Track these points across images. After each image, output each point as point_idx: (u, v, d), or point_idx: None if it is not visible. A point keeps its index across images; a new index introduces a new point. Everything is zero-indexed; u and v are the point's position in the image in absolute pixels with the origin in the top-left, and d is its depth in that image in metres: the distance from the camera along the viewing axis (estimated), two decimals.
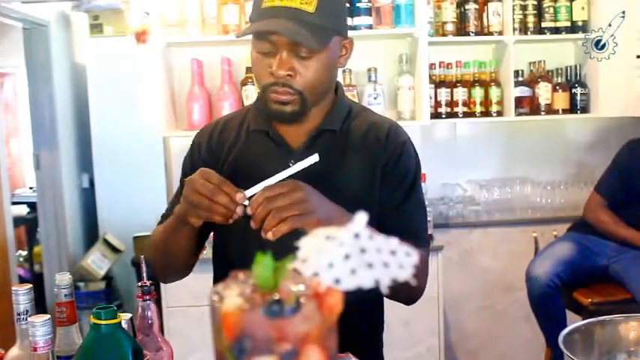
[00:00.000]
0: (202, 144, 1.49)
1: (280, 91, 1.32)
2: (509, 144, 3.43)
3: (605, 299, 2.70)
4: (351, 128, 1.43)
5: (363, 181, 1.40)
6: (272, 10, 1.28)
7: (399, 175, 1.42)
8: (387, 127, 1.44)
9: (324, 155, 1.35)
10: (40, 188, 4.55)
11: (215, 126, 1.51)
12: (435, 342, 2.94)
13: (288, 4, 1.27)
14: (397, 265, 0.57)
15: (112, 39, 4.57)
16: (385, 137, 1.43)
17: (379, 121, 1.47)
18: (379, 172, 1.41)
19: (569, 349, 1.06)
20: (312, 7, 1.27)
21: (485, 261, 3.35)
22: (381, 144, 1.42)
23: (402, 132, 1.47)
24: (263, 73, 1.33)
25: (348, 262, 0.56)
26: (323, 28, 1.29)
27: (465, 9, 3.11)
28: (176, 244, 1.40)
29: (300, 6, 1.27)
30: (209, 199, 1.19)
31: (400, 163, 1.42)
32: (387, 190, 1.41)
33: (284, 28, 1.26)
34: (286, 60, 1.29)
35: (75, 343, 1.07)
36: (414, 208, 1.44)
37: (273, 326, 0.56)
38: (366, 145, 1.42)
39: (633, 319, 1.18)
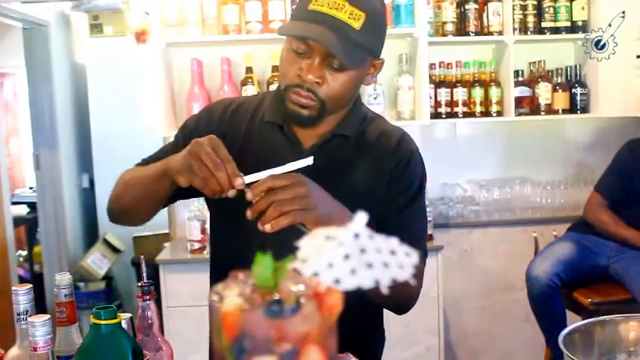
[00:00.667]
0: (213, 118, 1.45)
1: (303, 94, 1.31)
2: (509, 144, 3.43)
3: (605, 299, 2.70)
4: (363, 134, 1.44)
5: (368, 184, 1.41)
6: (319, 16, 1.26)
7: (405, 181, 1.43)
8: (398, 135, 1.45)
9: (334, 158, 1.38)
10: (40, 188, 4.55)
11: (229, 105, 1.48)
12: (434, 342, 2.94)
13: (337, 14, 1.25)
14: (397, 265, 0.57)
15: (112, 39, 4.58)
16: (395, 144, 1.43)
17: (391, 129, 1.47)
18: (386, 177, 1.41)
19: (569, 349, 1.06)
20: (358, 23, 1.26)
21: (485, 261, 3.35)
22: (391, 150, 1.43)
23: (411, 141, 1.48)
24: (291, 73, 1.31)
25: (348, 262, 0.56)
26: (362, 47, 1.29)
27: (465, 9, 3.11)
28: (150, 192, 1.36)
29: (348, 20, 1.25)
30: (209, 170, 1.15)
31: (407, 170, 1.43)
32: (391, 195, 1.41)
33: (327, 40, 1.24)
34: (318, 67, 1.28)
35: (75, 343, 1.07)
36: (415, 216, 1.45)
37: (273, 326, 0.56)
38: (376, 151, 1.42)
39: (633, 319, 1.18)
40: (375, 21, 1.30)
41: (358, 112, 1.45)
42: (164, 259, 2.88)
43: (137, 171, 1.42)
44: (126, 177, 1.46)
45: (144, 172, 1.38)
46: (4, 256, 3.96)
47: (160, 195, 1.35)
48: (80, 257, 4.59)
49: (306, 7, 1.28)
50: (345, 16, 1.25)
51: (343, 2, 1.25)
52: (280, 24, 2.94)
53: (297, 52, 1.30)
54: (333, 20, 1.25)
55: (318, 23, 1.25)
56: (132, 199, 1.42)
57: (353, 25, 1.25)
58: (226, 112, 1.46)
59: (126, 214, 1.48)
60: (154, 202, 1.40)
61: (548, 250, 2.91)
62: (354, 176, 1.40)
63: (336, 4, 1.25)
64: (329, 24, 1.25)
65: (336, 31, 1.25)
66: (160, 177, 1.29)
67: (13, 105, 6.23)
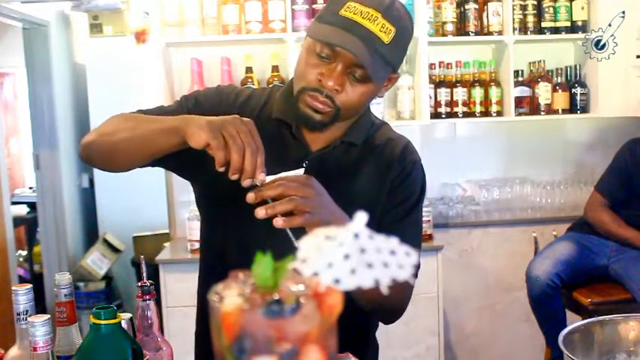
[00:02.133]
0: (223, 101, 1.41)
1: (321, 99, 1.28)
2: (509, 144, 3.43)
3: (604, 299, 2.71)
4: (369, 142, 1.43)
5: (371, 192, 1.40)
6: (350, 24, 1.22)
7: (404, 192, 1.42)
8: (402, 146, 1.44)
9: (339, 164, 1.37)
10: (40, 188, 4.55)
11: (240, 93, 1.44)
12: (434, 342, 2.94)
13: (369, 26, 1.22)
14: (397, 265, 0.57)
15: (112, 39, 4.57)
16: (399, 154, 1.42)
17: (396, 138, 1.46)
18: (387, 186, 1.41)
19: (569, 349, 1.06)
20: (388, 38, 1.24)
21: (485, 261, 3.35)
22: (394, 159, 1.42)
23: (414, 151, 1.47)
24: (311, 76, 1.28)
25: (347, 262, 0.56)
26: (388, 62, 1.27)
27: (465, 9, 3.11)
28: (149, 141, 1.25)
29: (379, 33, 1.23)
30: (241, 149, 1.10)
31: (407, 180, 1.42)
32: (390, 205, 1.41)
33: (359, 51, 1.21)
34: (340, 74, 1.25)
35: (75, 343, 1.07)
36: (411, 228, 1.43)
37: (273, 326, 0.56)
38: (381, 159, 1.41)
39: (633, 319, 1.18)
40: (404, 37, 1.29)
41: (367, 119, 1.43)
42: (164, 259, 2.88)
43: (138, 117, 1.34)
44: (122, 118, 1.35)
45: (148, 120, 1.30)
46: (4, 256, 3.96)
47: (157, 149, 1.25)
48: (80, 257, 4.59)
49: (337, 13, 1.24)
50: (377, 29, 1.23)
51: (376, 14, 1.23)
52: (280, 24, 2.95)
53: (320, 55, 1.26)
54: (364, 31, 1.22)
55: (349, 32, 1.22)
56: (124, 141, 1.28)
57: (383, 39, 1.23)
58: (237, 101, 1.42)
59: (106, 154, 1.34)
60: (144, 154, 1.28)
61: (548, 250, 2.91)
62: (357, 183, 1.40)
63: (369, 14, 1.22)
64: (360, 34, 1.22)
65: (366, 42, 1.22)
66: (168, 130, 1.19)
67: (13, 105, 6.23)
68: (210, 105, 1.39)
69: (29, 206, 5.12)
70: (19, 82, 6.00)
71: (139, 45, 4.35)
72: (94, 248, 4.51)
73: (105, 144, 1.32)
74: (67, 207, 4.58)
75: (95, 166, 1.42)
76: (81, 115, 4.78)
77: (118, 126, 1.32)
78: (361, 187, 1.39)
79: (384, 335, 1.54)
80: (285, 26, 2.95)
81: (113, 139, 1.30)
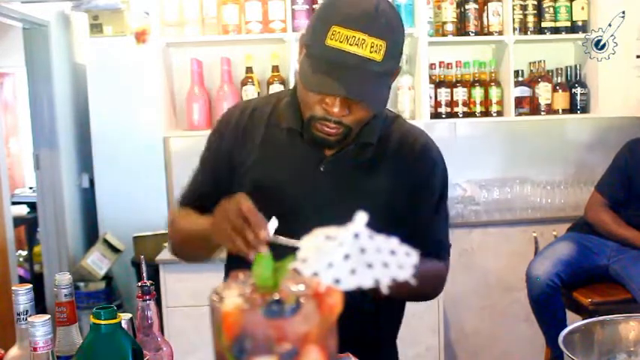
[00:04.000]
0: (230, 126, 1.45)
1: (331, 126, 1.28)
2: (509, 144, 3.43)
3: (605, 299, 2.70)
4: (383, 138, 1.41)
5: (389, 189, 1.40)
6: (339, 58, 1.20)
7: (429, 190, 1.44)
8: (421, 142, 1.44)
9: (355, 163, 1.38)
10: (40, 188, 4.55)
11: (243, 111, 1.46)
12: (434, 341, 2.94)
13: (358, 51, 1.19)
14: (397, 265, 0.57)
15: (112, 39, 4.57)
16: (418, 153, 1.43)
17: (413, 133, 1.46)
18: (408, 185, 1.41)
19: (569, 349, 1.06)
20: (380, 55, 1.21)
21: (485, 261, 3.35)
22: (414, 158, 1.42)
23: (433, 147, 1.47)
24: (315, 106, 1.28)
25: (347, 262, 0.56)
26: (386, 74, 1.26)
27: (465, 9, 3.11)
28: (197, 246, 1.43)
29: (370, 55, 1.20)
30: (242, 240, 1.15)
31: (431, 181, 1.44)
32: (416, 203, 1.42)
33: (353, 91, 1.21)
34: (343, 103, 1.25)
35: (75, 343, 1.07)
36: (440, 222, 1.47)
37: (273, 326, 0.56)
38: (398, 157, 1.41)
39: (633, 319, 1.18)
40: (397, 42, 1.26)
41: (379, 117, 1.41)
42: (164, 259, 2.88)
43: (186, 223, 1.47)
44: (177, 229, 1.52)
45: (187, 226, 1.45)
46: (4, 256, 3.96)
47: (207, 250, 1.42)
48: (80, 257, 4.58)
49: (324, 43, 1.21)
50: (367, 52, 1.20)
51: (363, 36, 1.19)
52: (280, 24, 2.95)
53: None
54: (354, 59, 1.20)
55: (340, 70, 1.20)
56: (192, 253, 1.53)
57: (375, 59, 1.20)
58: (243, 117, 1.45)
59: (192, 261, 1.62)
60: (204, 253, 1.46)
61: (548, 250, 2.91)
62: (375, 180, 1.39)
63: (355, 39, 1.19)
64: (351, 64, 1.20)
65: (358, 72, 1.20)
66: (199, 237, 1.35)
67: (13, 105, 6.23)
68: (228, 131, 1.45)
69: (29, 206, 5.12)
70: (19, 82, 6.00)
71: (139, 45, 4.35)
72: (94, 248, 4.50)
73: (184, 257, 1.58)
74: (67, 207, 4.58)
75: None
76: (81, 115, 4.78)
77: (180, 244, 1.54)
78: (380, 185, 1.39)
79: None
80: (286, 26, 2.95)
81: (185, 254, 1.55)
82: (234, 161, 1.43)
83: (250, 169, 1.41)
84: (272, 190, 1.38)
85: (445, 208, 1.48)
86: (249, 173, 1.41)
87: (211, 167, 1.47)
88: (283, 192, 1.39)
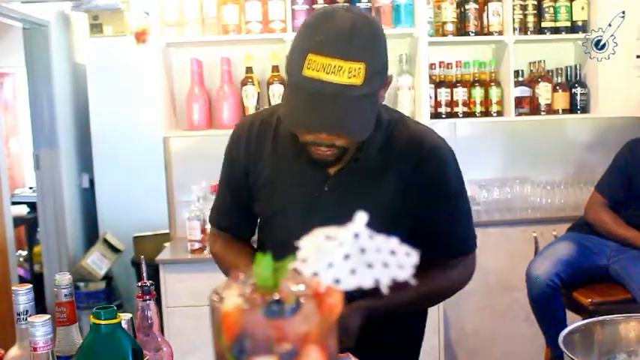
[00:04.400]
0: (241, 144, 1.47)
1: (323, 149, 1.27)
2: (509, 144, 3.43)
3: (605, 299, 2.70)
4: (388, 144, 1.37)
5: (397, 203, 1.37)
6: (316, 86, 1.16)
7: (444, 192, 1.41)
8: (425, 149, 1.38)
9: (361, 177, 1.37)
10: (40, 188, 4.55)
11: (251, 127, 1.46)
12: (434, 341, 2.94)
13: (336, 79, 1.15)
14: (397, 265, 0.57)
15: (112, 39, 4.57)
16: (422, 161, 1.37)
17: (418, 134, 1.40)
18: (416, 195, 1.37)
19: (569, 349, 1.06)
20: (360, 79, 1.16)
21: (485, 261, 3.34)
22: (419, 167, 1.37)
23: (440, 146, 1.42)
24: (302, 134, 1.28)
25: (347, 262, 0.56)
26: (371, 94, 1.21)
27: (465, 9, 3.11)
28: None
29: (349, 80, 1.15)
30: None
31: (441, 181, 1.40)
32: (433, 206, 1.39)
33: (329, 122, 1.19)
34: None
35: (75, 343, 1.07)
36: (462, 220, 1.46)
37: (273, 326, 0.56)
38: (406, 163, 1.37)
39: (633, 319, 1.18)
40: (378, 59, 1.21)
41: (380, 127, 1.34)
42: (164, 259, 2.88)
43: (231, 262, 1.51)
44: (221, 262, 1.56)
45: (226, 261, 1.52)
46: (4, 256, 3.96)
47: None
48: (80, 257, 4.59)
49: (301, 72, 1.18)
50: (345, 79, 1.15)
51: (339, 63, 1.15)
52: (280, 24, 2.95)
53: None
54: (332, 88, 1.15)
55: (318, 99, 1.17)
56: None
57: (355, 84, 1.16)
58: (251, 135, 1.45)
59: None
60: None
61: (548, 250, 2.91)
62: (381, 195, 1.36)
63: (331, 67, 1.15)
64: (328, 94, 1.16)
65: (337, 100, 1.16)
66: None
67: (13, 105, 6.23)
68: (239, 154, 1.47)
69: (29, 206, 5.12)
70: (19, 82, 6.00)
71: (139, 45, 4.36)
72: (94, 248, 4.51)
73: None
74: (67, 207, 4.58)
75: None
76: (81, 115, 4.78)
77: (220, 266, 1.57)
78: (388, 193, 1.36)
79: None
80: (285, 26, 2.95)
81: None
82: (250, 179, 1.46)
83: (262, 188, 1.45)
84: (282, 209, 1.43)
85: (465, 203, 1.45)
86: (262, 191, 1.45)
87: (232, 188, 1.52)
88: (291, 213, 1.41)
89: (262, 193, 1.45)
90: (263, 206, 1.46)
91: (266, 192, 1.44)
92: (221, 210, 1.57)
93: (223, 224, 1.58)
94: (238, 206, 1.52)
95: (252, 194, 1.47)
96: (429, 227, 1.38)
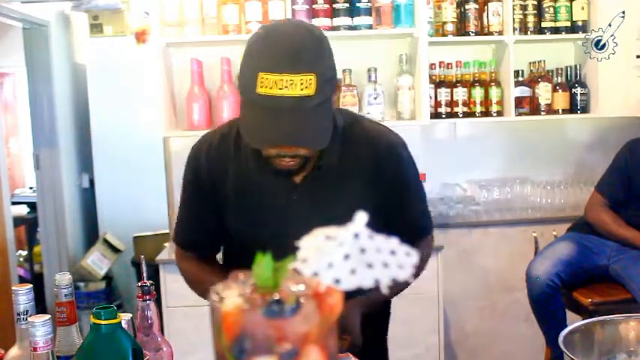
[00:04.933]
0: (202, 165, 1.48)
1: (286, 160, 1.31)
2: (509, 144, 3.43)
3: (605, 299, 2.70)
4: (347, 147, 1.42)
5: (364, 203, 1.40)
6: (271, 102, 1.20)
7: (402, 186, 1.48)
8: (383, 149, 1.45)
9: (326, 183, 1.42)
10: (40, 188, 4.55)
11: (210, 145, 1.49)
12: (434, 341, 2.94)
13: (288, 93, 1.20)
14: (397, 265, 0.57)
15: (112, 39, 4.57)
16: (382, 160, 1.44)
17: (374, 134, 1.46)
18: (381, 192, 1.44)
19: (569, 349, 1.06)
20: (312, 89, 1.21)
21: (485, 261, 3.35)
22: (379, 166, 1.44)
23: (395, 142, 1.48)
24: (264, 148, 1.31)
25: (348, 262, 0.56)
26: (324, 102, 1.25)
27: (465, 9, 3.10)
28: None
29: (302, 92, 1.20)
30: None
31: (400, 176, 1.47)
32: (394, 199, 1.46)
33: (286, 135, 1.23)
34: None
35: (75, 343, 1.07)
36: (422, 207, 1.55)
37: (273, 326, 0.56)
38: (365, 168, 1.44)
39: (633, 319, 1.18)
40: (326, 67, 1.26)
41: (336, 133, 1.40)
42: (164, 259, 2.88)
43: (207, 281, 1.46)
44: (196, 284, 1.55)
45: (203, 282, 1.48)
46: (4, 256, 3.96)
47: None
48: (80, 257, 4.59)
49: (255, 91, 1.22)
50: (297, 91, 1.20)
51: (289, 77, 1.19)
52: None
53: None
54: (286, 101, 1.20)
55: (274, 112, 1.21)
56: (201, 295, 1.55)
57: (308, 94, 1.21)
58: (210, 152, 1.48)
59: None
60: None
61: (548, 250, 2.91)
62: (347, 197, 1.42)
63: (282, 82, 1.19)
64: (284, 107, 1.20)
65: (293, 112, 1.21)
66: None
67: (13, 105, 6.23)
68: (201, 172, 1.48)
69: (29, 206, 5.12)
70: (19, 82, 6.00)
71: (139, 45, 4.35)
72: (94, 248, 4.51)
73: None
74: (67, 207, 4.58)
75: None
76: (81, 115, 4.78)
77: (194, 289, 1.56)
78: (353, 200, 1.40)
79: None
80: None
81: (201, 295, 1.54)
82: (218, 195, 1.47)
83: (232, 205, 1.46)
84: (254, 222, 1.45)
85: (422, 190, 1.55)
86: (232, 208, 1.46)
87: (197, 207, 1.52)
88: (263, 224, 1.43)
89: (231, 208, 1.46)
90: (234, 220, 1.47)
91: (235, 206, 1.45)
92: (186, 229, 1.56)
93: (189, 243, 1.57)
94: (204, 224, 1.52)
95: (219, 210, 1.48)
96: (394, 216, 1.44)
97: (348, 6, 2.93)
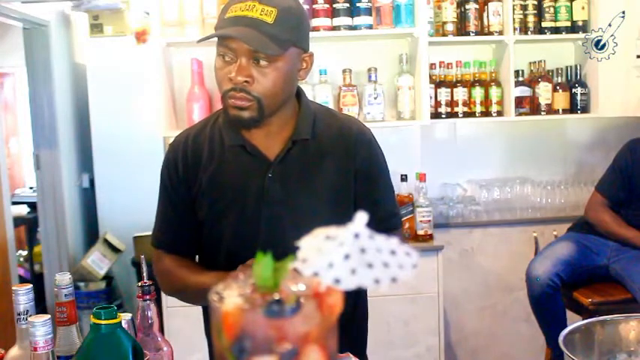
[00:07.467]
0: (178, 161, 1.51)
1: (238, 96, 1.36)
2: (509, 144, 3.43)
3: (605, 299, 2.70)
4: (319, 134, 1.50)
5: (338, 184, 1.49)
6: (234, 19, 1.34)
7: (373, 174, 1.54)
8: (354, 134, 1.52)
9: (299, 163, 1.46)
10: (40, 188, 4.55)
11: (186, 140, 1.53)
12: (434, 341, 2.94)
13: (249, 14, 1.33)
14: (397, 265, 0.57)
15: (112, 39, 4.57)
16: (354, 144, 1.51)
17: (345, 125, 1.54)
18: (352, 175, 1.50)
19: (569, 349, 1.06)
20: (271, 18, 1.33)
21: (485, 261, 3.35)
22: (351, 150, 1.50)
23: (363, 130, 1.56)
24: (223, 80, 1.38)
25: (348, 262, 0.56)
26: (280, 39, 1.34)
27: (465, 9, 3.11)
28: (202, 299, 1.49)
29: (260, 16, 1.33)
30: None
31: (372, 164, 1.53)
32: (366, 187, 1.51)
33: (242, 35, 1.32)
34: (245, 67, 1.35)
35: (75, 343, 1.07)
36: (388, 196, 1.59)
37: (273, 326, 0.56)
38: (338, 151, 1.50)
39: (633, 319, 1.18)
40: (289, 14, 1.37)
41: (307, 111, 1.50)
42: None
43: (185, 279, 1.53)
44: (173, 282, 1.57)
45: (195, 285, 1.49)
46: (4, 256, 3.96)
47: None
48: (80, 257, 4.59)
49: (224, 18, 1.37)
50: (257, 14, 1.33)
51: (253, 3, 1.34)
52: None
53: (224, 59, 1.37)
54: (246, 20, 1.33)
55: (234, 25, 1.34)
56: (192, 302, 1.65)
57: (266, 20, 1.33)
58: (187, 154, 1.51)
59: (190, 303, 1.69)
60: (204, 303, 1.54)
61: (549, 250, 2.91)
62: (323, 177, 1.47)
63: (247, 6, 1.34)
64: (244, 24, 1.33)
65: (251, 27, 1.32)
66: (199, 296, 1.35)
67: (13, 105, 6.24)
68: (178, 170, 1.51)
69: (29, 206, 5.12)
70: (19, 82, 6.01)
71: (139, 45, 4.35)
72: (94, 248, 4.51)
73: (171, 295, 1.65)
74: (67, 207, 4.58)
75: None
76: (81, 115, 4.78)
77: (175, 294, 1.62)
78: (327, 181, 1.47)
79: (384, 335, 1.54)
80: None
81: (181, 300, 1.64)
82: (191, 189, 1.50)
83: (205, 191, 1.48)
84: (228, 206, 1.46)
85: (390, 180, 1.60)
86: (205, 195, 1.48)
87: (176, 206, 1.54)
88: (238, 205, 1.46)
89: (207, 195, 1.48)
90: (210, 206, 1.48)
91: (212, 192, 1.47)
92: (165, 230, 1.57)
93: (168, 244, 1.58)
94: (183, 224, 1.53)
95: (195, 205, 1.50)
96: (366, 200, 1.48)
97: (348, 6, 2.93)
